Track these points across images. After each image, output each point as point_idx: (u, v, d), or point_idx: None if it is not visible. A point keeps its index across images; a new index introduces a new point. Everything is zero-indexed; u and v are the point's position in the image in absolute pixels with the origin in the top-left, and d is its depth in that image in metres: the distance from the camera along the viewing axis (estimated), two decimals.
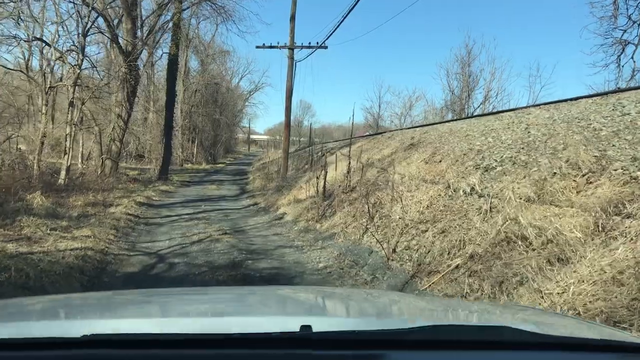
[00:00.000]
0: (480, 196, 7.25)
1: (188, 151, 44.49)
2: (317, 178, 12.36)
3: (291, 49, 18.84)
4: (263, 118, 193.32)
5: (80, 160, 27.22)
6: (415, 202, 8.46)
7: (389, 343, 1.43)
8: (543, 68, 39.72)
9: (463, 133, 11.93)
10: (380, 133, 20.64)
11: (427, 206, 8.10)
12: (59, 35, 21.08)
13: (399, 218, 8.23)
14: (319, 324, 1.41)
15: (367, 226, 8.90)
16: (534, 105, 12.15)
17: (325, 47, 18.49)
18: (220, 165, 45.99)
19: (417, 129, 16.47)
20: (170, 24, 23.68)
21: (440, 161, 10.05)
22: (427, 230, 7.31)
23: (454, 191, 7.96)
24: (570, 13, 73.83)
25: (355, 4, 16.02)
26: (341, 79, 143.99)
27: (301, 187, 15.86)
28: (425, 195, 8.50)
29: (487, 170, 8.05)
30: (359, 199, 10.90)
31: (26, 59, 31.91)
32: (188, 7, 26.77)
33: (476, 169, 8.41)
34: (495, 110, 16.30)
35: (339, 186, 13.60)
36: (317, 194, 12.69)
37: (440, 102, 56.26)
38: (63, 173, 17.74)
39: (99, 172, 21.14)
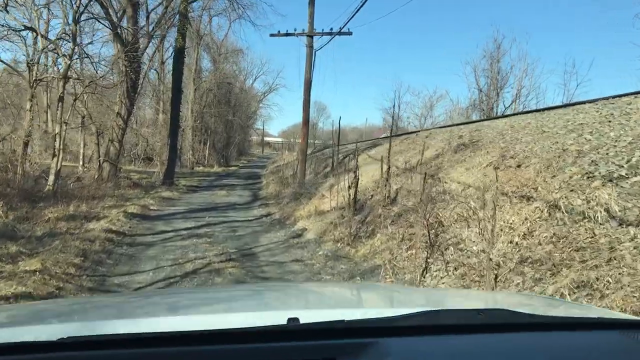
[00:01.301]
0: (624, 224, 4.49)
1: (199, 153, 41.97)
2: (349, 187, 9.57)
3: (310, 36, 16.14)
4: (277, 120, 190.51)
5: (81, 163, 24.86)
6: (503, 227, 5.70)
7: (382, 330, 1.35)
8: (579, 64, 36.19)
9: (535, 130, 9.15)
10: (413, 132, 17.86)
11: (525, 235, 5.34)
12: (48, 23, 18.74)
13: (481, 251, 5.48)
14: (307, 316, 1.35)
15: (428, 259, 6.15)
16: (626, 95, 9.35)
17: (350, 34, 15.78)
18: (232, 168, 43.41)
19: (461, 126, 13.67)
20: (177, 15, 21.15)
21: (519, 166, 7.28)
22: (541, 279, 4.52)
23: (567, 212, 5.19)
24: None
25: None
26: (356, 80, 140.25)
27: (323, 196, 13.15)
28: (517, 217, 5.75)
29: (613, 181, 5.28)
30: (405, 216, 8.15)
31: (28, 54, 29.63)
32: None
33: (589, 178, 5.64)
34: (555, 105, 13.50)
35: (371, 196, 10.87)
36: (346, 206, 9.99)
37: (465, 101, 53.07)
38: (51, 178, 15.25)
39: (96, 176, 18.63)
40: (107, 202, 13.68)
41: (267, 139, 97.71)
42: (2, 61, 14.81)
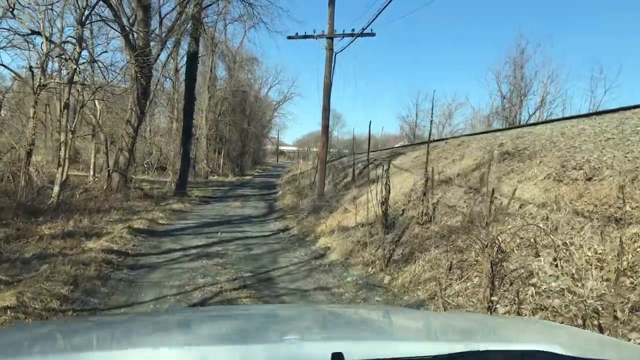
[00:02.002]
0: None
1: (214, 162, 41.03)
2: (382, 202, 8.30)
3: (330, 38, 15.00)
4: (292, 129, 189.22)
5: (92, 173, 23.94)
6: (590, 259, 4.43)
7: None
8: (607, 69, 34.65)
9: (593, 136, 7.87)
10: (441, 139, 16.58)
11: (626, 270, 4.07)
12: (61, 31, 17.81)
13: (567, 290, 4.21)
14: (352, 351, 1.25)
15: (492, 296, 4.86)
16: None
17: (373, 35, 14.58)
18: (247, 177, 42.37)
19: (497, 133, 12.37)
20: (190, 19, 20.17)
21: (589, 179, 6.01)
22: None
23: None
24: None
25: None
26: (371, 87, 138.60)
27: (346, 210, 11.93)
28: (606, 245, 4.48)
29: None
30: (449, 237, 6.89)
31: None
32: (211, 4, 23.32)
33: None
34: (588, 112, 12.18)
35: (403, 211, 9.63)
36: (375, 222, 8.77)
37: (486, 108, 51.43)
38: (56, 189, 14.26)
39: (105, 187, 17.63)
40: (113, 215, 12.60)
41: (281, 147, 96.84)
42: (3, 65, 13.86)
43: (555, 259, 4.64)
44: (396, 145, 34.39)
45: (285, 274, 8.02)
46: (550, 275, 4.56)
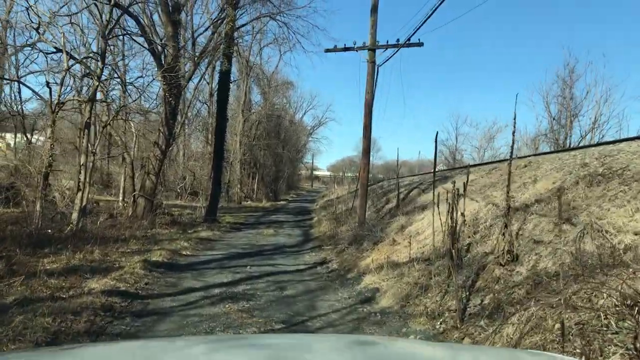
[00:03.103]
0: None
1: (248, 187, 39.77)
2: (450, 232, 6.46)
3: (372, 49, 13.42)
4: (326, 154, 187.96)
5: (121, 197, 22.83)
6: None
7: None
8: None
9: None
10: (500, 161, 14.67)
11: None
12: (76, 41, 16.82)
13: None
14: None
15: None
16: None
17: (421, 44, 12.95)
18: (281, 202, 40.90)
19: (572, 152, 10.42)
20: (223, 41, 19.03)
21: None
22: None
23: None
24: None
25: None
26: (408, 111, 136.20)
27: (394, 242, 10.14)
28: None
29: None
30: (550, 286, 5.04)
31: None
32: (246, 23, 22.25)
33: None
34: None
35: (469, 245, 7.79)
36: (432, 259, 6.97)
37: (532, 130, 48.80)
38: (74, 215, 13.00)
39: (130, 213, 16.33)
40: (132, 245, 11.17)
41: (315, 172, 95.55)
42: (23, 83, 12.78)
43: None
44: (440, 169, 32.26)
45: (326, 325, 6.28)
46: None
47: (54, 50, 12.99)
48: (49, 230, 11.75)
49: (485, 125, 48.37)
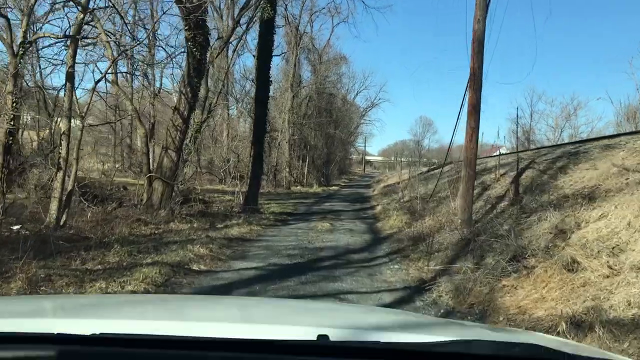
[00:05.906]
0: None
1: (297, 171, 35.41)
2: None
3: None
4: (377, 137, 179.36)
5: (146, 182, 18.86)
6: None
7: (415, 355, 1.23)
8: None
9: None
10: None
11: None
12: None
13: None
14: (338, 335, 1.27)
15: None
16: None
17: None
18: (334, 187, 36.35)
19: None
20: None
21: None
22: None
23: None
24: None
25: None
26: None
27: (574, 264, 5.30)
28: None
29: None
30: None
31: None
32: None
33: None
34: None
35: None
36: None
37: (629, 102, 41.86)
38: (53, 206, 8.98)
39: (144, 201, 12.19)
40: (112, 254, 6.88)
41: (367, 157, 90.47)
42: None
43: None
44: (485, 156, 26.54)
45: None
46: None
47: None
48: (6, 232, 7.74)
49: (563, 102, 41.70)
